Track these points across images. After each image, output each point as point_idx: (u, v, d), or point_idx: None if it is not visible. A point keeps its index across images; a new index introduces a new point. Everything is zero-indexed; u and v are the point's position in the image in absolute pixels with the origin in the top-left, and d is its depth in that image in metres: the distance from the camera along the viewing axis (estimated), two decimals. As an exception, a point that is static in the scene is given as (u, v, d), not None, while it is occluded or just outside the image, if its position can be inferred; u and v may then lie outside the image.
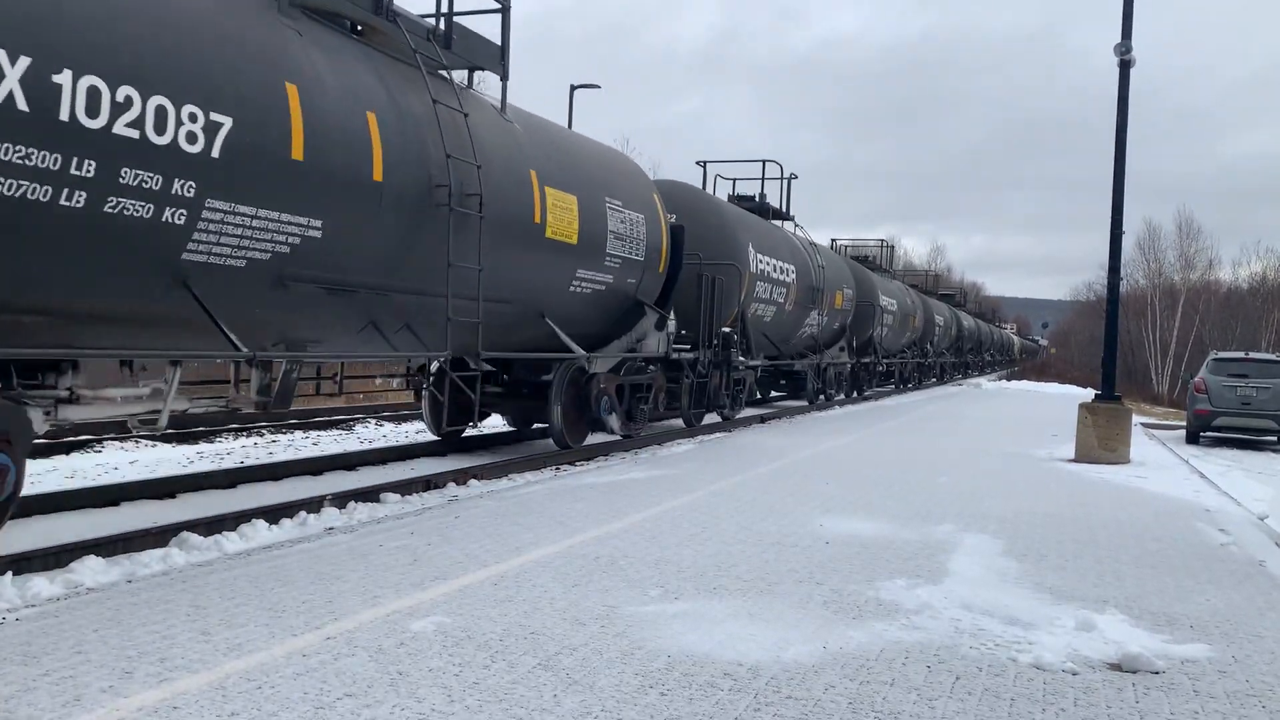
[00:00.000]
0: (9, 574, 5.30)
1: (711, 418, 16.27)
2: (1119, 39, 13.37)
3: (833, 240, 29.60)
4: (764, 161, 20.35)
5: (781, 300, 18.38)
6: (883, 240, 34.01)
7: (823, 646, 4.58)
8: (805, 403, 22.14)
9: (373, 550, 6.15)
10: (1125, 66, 13.39)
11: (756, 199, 20.02)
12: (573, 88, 21.12)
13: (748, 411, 18.35)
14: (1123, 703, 4.05)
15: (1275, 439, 20.10)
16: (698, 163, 19.76)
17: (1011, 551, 6.86)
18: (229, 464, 10.60)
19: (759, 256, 17.06)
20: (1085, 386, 36.43)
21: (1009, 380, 48.01)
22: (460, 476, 9.48)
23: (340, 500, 7.88)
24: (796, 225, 21.61)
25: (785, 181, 21.15)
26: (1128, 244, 51.94)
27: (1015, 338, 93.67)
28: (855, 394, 26.45)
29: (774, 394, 24.02)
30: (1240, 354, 21.67)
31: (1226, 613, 5.52)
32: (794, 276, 18.96)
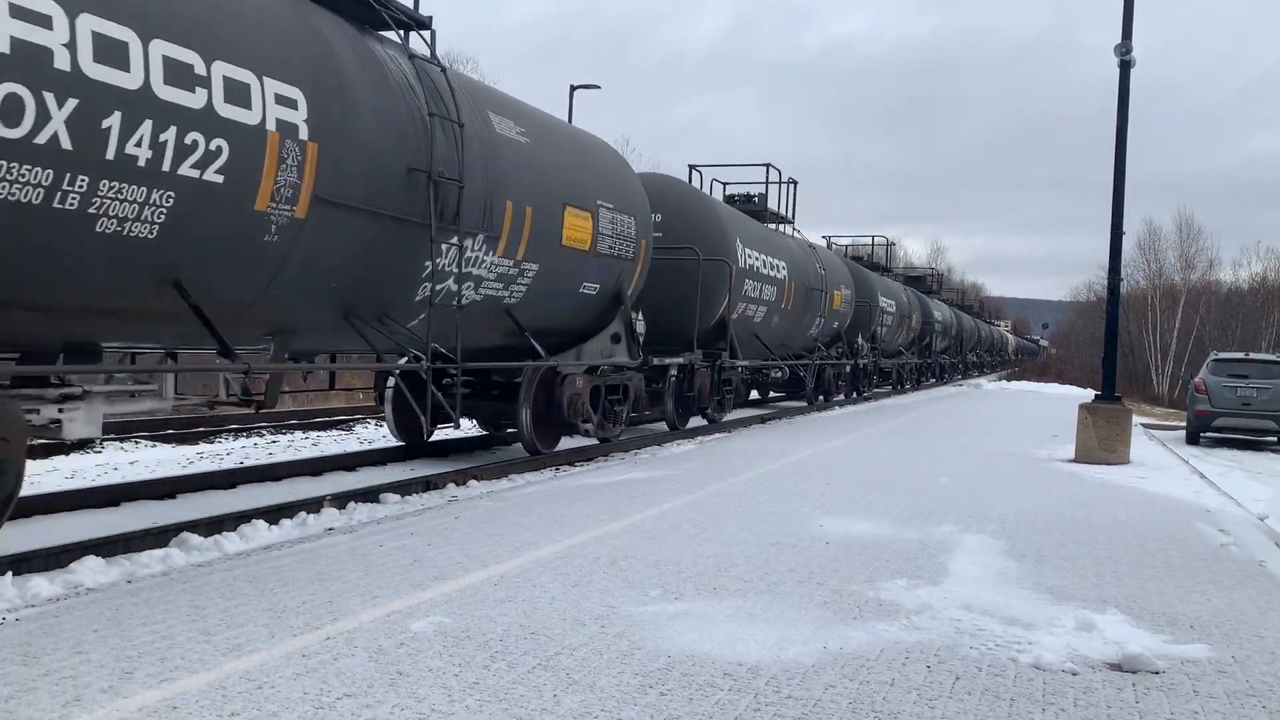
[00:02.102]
0: (9, 574, 5.30)
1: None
2: (1127, 40, 13.39)
3: (694, 169, 18.93)
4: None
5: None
6: (769, 166, 19.79)
7: (823, 646, 4.58)
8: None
9: (373, 550, 6.15)
10: (1125, 67, 13.39)
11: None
12: (573, 88, 21.13)
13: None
14: (1123, 703, 4.05)
15: (1275, 439, 20.12)
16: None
17: (1011, 552, 6.86)
18: (229, 464, 10.60)
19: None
20: (1085, 387, 36.42)
21: (1009, 381, 48.12)
22: (460, 477, 9.48)
23: (340, 500, 7.88)
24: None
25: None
26: (1128, 244, 51.81)
27: (1010, 336, 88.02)
28: (712, 418, 16.19)
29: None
30: (1240, 354, 21.70)
31: (1227, 613, 5.52)
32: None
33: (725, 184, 19.34)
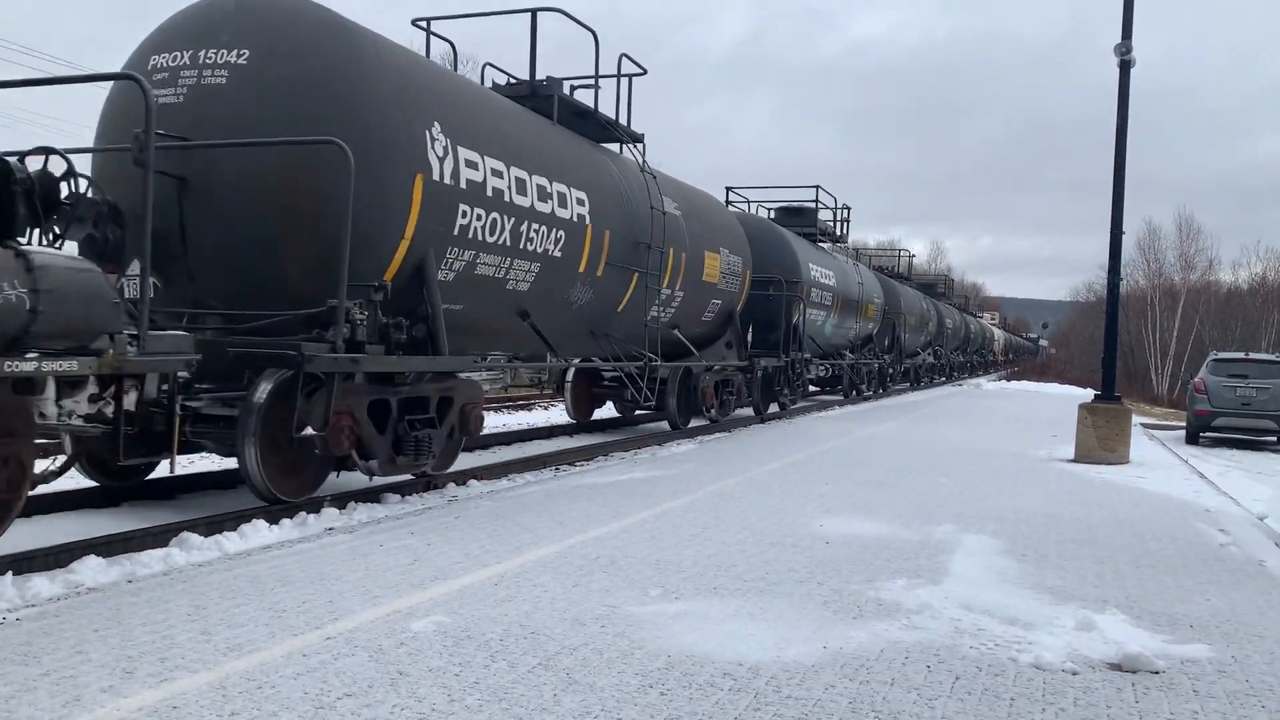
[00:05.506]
0: (9, 574, 5.30)
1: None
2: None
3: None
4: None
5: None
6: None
7: (823, 646, 4.58)
8: None
9: (373, 550, 6.15)
10: (1125, 67, 13.40)
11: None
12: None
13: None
14: (1122, 703, 4.05)
15: (1275, 439, 20.11)
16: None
17: (1011, 552, 6.86)
18: (229, 464, 10.58)
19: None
20: (1085, 387, 36.38)
21: (1009, 381, 48.13)
22: (460, 477, 9.48)
23: (340, 500, 7.88)
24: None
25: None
26: (1128, 244, 51.56)
27: (998, 331, 73.24)
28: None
29: None
30: (1240, 354, 21.67)
31: (1226, 613, 5.52)
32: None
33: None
